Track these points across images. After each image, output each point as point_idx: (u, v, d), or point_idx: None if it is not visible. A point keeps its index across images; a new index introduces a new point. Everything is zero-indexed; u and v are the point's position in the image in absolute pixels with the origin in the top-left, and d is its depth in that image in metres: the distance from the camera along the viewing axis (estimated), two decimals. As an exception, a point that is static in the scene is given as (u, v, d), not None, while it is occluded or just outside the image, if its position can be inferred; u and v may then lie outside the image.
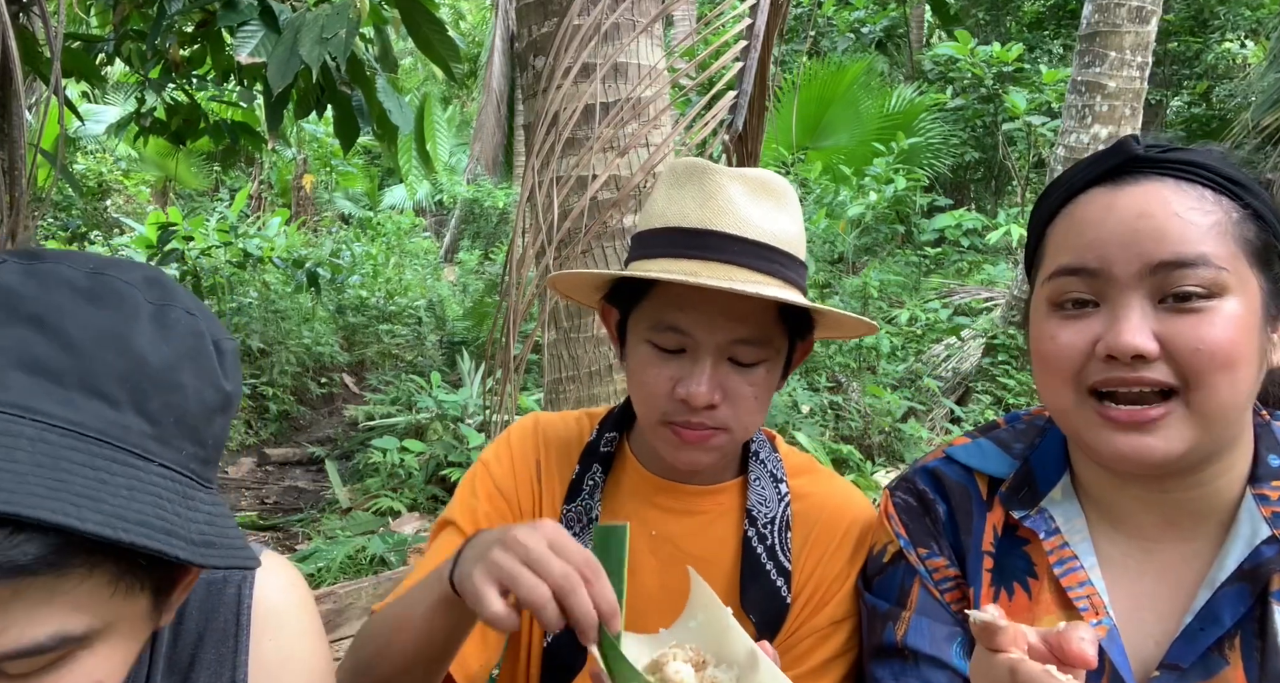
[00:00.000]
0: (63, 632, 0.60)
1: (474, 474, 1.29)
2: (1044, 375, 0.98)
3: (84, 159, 12.40)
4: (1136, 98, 6.07)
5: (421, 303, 9.84)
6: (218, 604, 0.86)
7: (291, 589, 0.91)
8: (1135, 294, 0.90)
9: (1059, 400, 0.96)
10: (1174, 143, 0.96)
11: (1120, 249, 0.90)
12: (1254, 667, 0.93)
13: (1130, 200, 0.92)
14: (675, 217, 1.13)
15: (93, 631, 0.62)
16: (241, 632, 0.86)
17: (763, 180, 1.15)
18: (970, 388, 6.63)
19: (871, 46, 13.41)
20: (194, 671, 0.84)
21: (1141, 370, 0.89)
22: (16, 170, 3.03)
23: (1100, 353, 0.91)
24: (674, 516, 1.24)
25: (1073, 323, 0.94)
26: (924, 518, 1.11)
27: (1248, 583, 0.94)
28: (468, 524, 1.24)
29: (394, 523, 5.00)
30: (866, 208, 8.45)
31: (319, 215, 16.15)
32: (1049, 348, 0.95)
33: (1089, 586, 1.00)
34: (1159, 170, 0.93)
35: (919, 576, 1.09)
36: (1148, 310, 0.89)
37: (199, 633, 0.85)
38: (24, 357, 0.59)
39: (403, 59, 14.44)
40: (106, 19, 4.93)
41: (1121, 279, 0.90)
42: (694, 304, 1.09)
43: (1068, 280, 0.94)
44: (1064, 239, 0.97)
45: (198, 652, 0.85)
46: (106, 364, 0.62)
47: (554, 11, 2.66)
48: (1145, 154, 0.94)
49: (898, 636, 1.07)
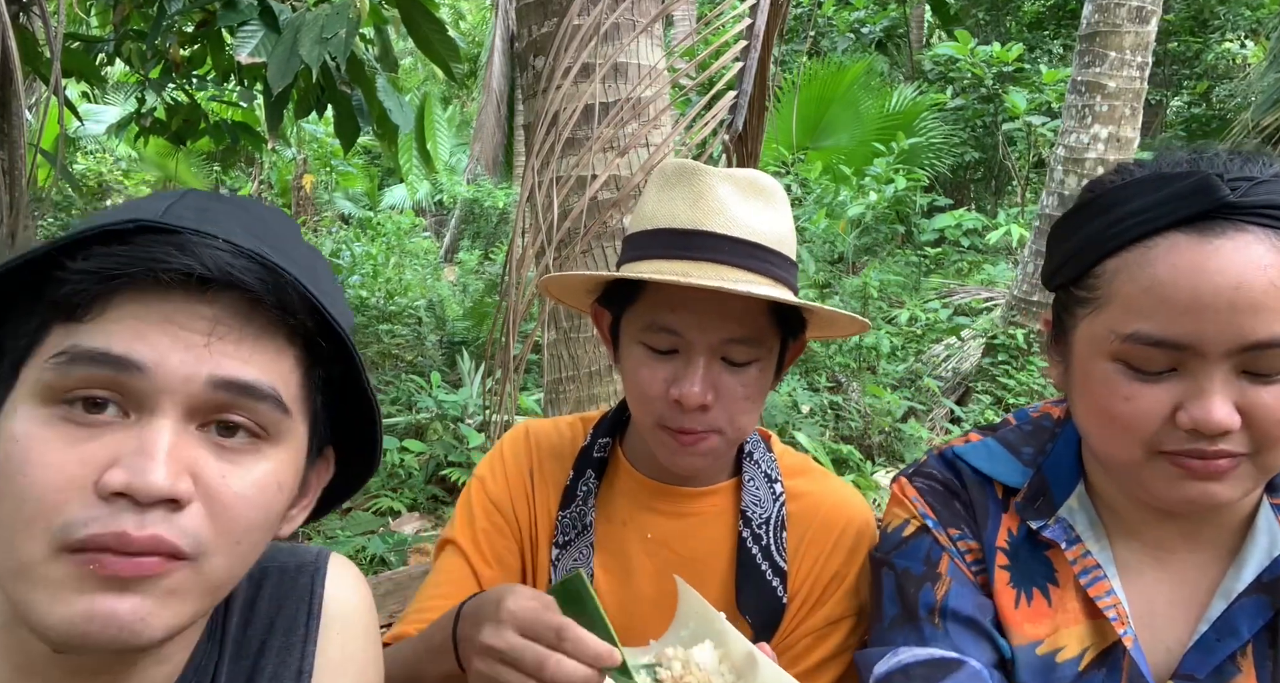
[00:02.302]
0: (277, 391, 0.72)
1: (470, 491, 1.30)
2: (1112, 431, 0.92)
3: (84, 159, 12.40)
4: (1136, 98, 6.06)
5: (421, 303, 9.83)
6: (290, 592, 0.88)
7: (359, 588, 0.93)
8: (1222, 367, 0.85)
9: (1127, 455, 0.92)
10: (1253, 173, 0.87)
11: (1214, 327, 0.84)
12: (1266, 677, 0.93)
13: (1222, 263, 0.84)
14: (666, 218, 1.13)
15: (286, 418, 0.73)
16: (312, 621, 0.87)
17: (752, 180, 1.15)
18: (970, 388, 6.63)
19: (871, 46, 13.40)
20: (263, 656, 0.85)
21: (1220, 444, 0.86)
22: (16, 170, 3.03)
23: (1184, 425, 0.87)
24: (668, 518, 1.24)
25: (1150, 386, 0.89)
26: (953, 502, 1.10)
27: (1266, 595, 0.94)
28: (467, 542, 1.25)
29: (394, 523, 5.00)
30: (866, 208, 8.44)
31: (319, 215, 16.15)
32: (1124, 409, 0.90)
33: (1114, 595, 0.99)
34: (1250, 218, 0.85)
35: (948, 552, 1.07)
36: (1231, 382, 0.86)
37: (270, 619, 0.87)
38: (245, 224, 0.74)
39: (403, 59, 14.43)
40: (106, 19, 4.93)
41: (1212, 356, 0.85)
42: (686, 304, 1.09)
43: (1151, 351, 0.88)
44: (1143, 296, 0.88)
45: (268, 638, 0.86)
46: (291, 243, 0.77)
47: (554, 11, 2.66)
48: (1235, 199, 0.85)
49: (937, 597, 1.05)
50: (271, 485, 0.73)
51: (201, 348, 0.69)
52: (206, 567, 0.69)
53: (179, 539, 0.66)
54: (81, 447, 0.66)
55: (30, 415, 0.67)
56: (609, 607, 1.22)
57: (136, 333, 0.68)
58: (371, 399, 0.81)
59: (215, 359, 0.69)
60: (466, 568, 1.24)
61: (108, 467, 0.65)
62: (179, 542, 0.66)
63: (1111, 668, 0.98)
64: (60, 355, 0.67)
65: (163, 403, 0.68)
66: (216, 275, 0.68)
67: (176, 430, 0.68)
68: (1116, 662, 0.98)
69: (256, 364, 0.71)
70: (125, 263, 0.67)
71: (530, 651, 0.87)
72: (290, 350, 0.74)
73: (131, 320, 0.68)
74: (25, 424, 0.67)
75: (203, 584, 0.70)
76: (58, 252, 0.68)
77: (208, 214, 0.72)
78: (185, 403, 0.69)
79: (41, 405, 0.67)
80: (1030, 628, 1.03)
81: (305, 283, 0.72)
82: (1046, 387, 6.02)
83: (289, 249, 0.75)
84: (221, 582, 0.72)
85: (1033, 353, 6.26)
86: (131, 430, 0.67)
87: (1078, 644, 1.00)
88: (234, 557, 0.71)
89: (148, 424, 0.67)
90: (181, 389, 0.68)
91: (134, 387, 0.67)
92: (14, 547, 0.65)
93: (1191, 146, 0.95)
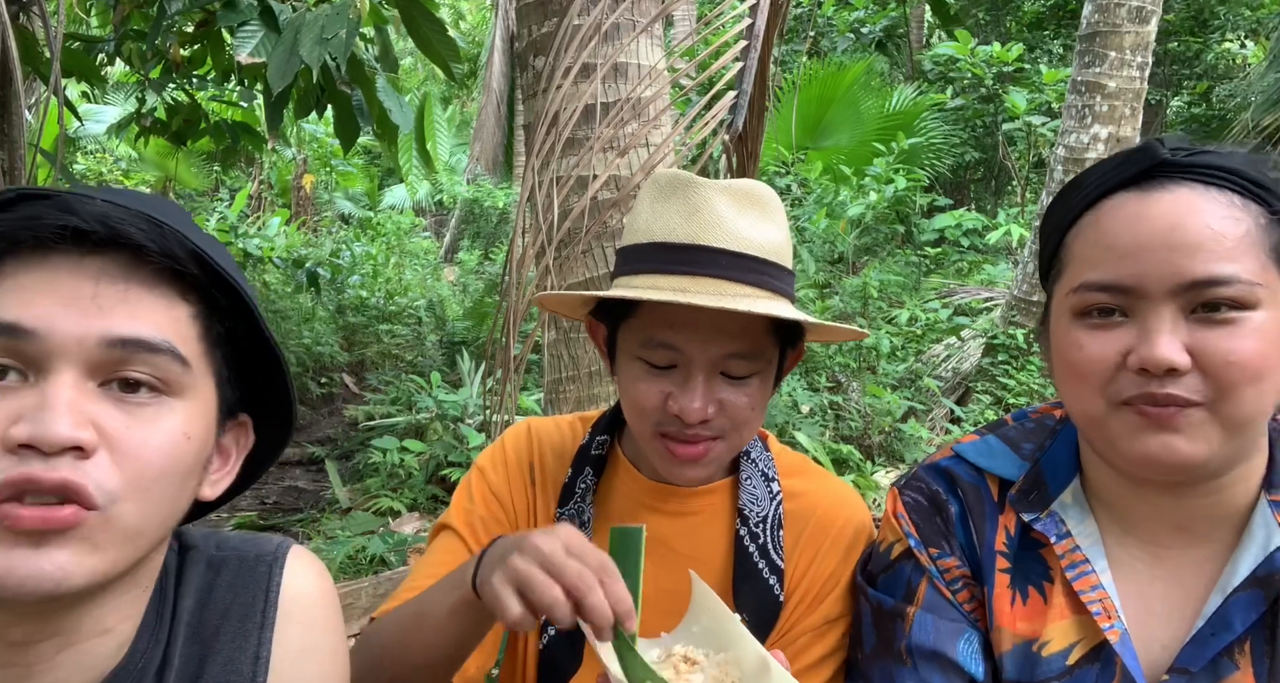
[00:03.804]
0: (172, 343, 0.74)
1: (470, 480, 1.30)
2: (1072, 383, 0.96)
3: (84, 159, 12.40)
4: (1136, 98, 6.07)
5: (421, 303, 9.83)
6: (248, 580, 0.89)
7: (320, 580, 0.94)
8: (1167, 308, 0.89)
9: (1089, 408, 0.95)
10: (1200, 146, 0.94)
11: (1153, 266, 0.88)
12: (1264, 672, 0.93)
13: (1160, 209, 0.90)
14: (661, 231, 1.12)
15: (187, 371, 0.75)
16: (270, 609, 0.88)
17: (747, 191, 1.14)
18: (970, 388, 6.63)
19: (871, 46, 13.40)
20: (217, 641, 0.86)
21: (1170, 387, 0.88)
22: (16, 170, 3.03)
23: (1133, 365, 0.90)
24: (666, 517, 1.24)
25: (1101, 333, 0.93)
26: (935, 517, 1.11)
27: (1261, 589, 0.94)
28: (464, 528, 1.25)
29: (394, 523, 5.00)
30: (866, 208, 8.44)
31: (319, 215, 16.15)
32: (1077, 357, 0.94)
33: (1101, 589, 1.00)
34: (1186, 175, 0.91)
35: (928, 574, 1.09)
36: (1179, 322, 0.89)
37: (225, 606, 0.87)
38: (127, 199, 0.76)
39: (403, 59, 14.44)
40: (106, 19, 4.93)
41: (1154, 295, 0.89)
42: (685, 321, 1.09)
43: (1097, 295, 0.92)
44: (1090, 249, 0.94)
45: (222, 624, 0.87)
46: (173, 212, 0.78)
47: (554, 11, 2.66)
48: (1173, 158, 0.92)
49: (905, 632, 1.07)
50: (179, 435, 0.75)
51: (89, 303, 0.71)
52: (118, 514, 0.71)
53: (87, 483, 0.69)
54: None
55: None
56: None
57: (23, 300, 0.70)
58: (275, 350, 0.83)
59: (105, 318, 0.71)
60: (464, 551, 1.23)
61: (12, 425, 0.67)
62: (86, 485, 0.69)
63: (1105, 663, 0.98)
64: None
65: (58, 364, 0.70)
66: (96, 228, 0.71)
67: (76, 385, 0.70)
68: (1110, 657, 0.98)
69: (147, 319, 0.73)
70: (6, 228, 0.70)
71: (574, 566, 0.85)
72: (184, 305, 0.76)
73: (18, 286, 0.71)
74: None
75: (118, 531, 0.71)
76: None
77: (89, 192, 0.75)
78: (82, 362, 0.71)
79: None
80: (1024, 626, 1.03)
81: (187, 233, 0.74)
82: (1046, 386, 6.02)
83: (170, 214, 0.77)
84: (137, 529, 0.73)
85: (1033, 353, 6.26)
86: (32, 390, 0.70)
87: (1063, 638, 1.01)
88: (145, 503, 0.73)
89: (46, 383, 0.70)
90: (76, 350, 0.70)
91: (29, 351, 0.70)
92: None
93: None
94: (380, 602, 3.27)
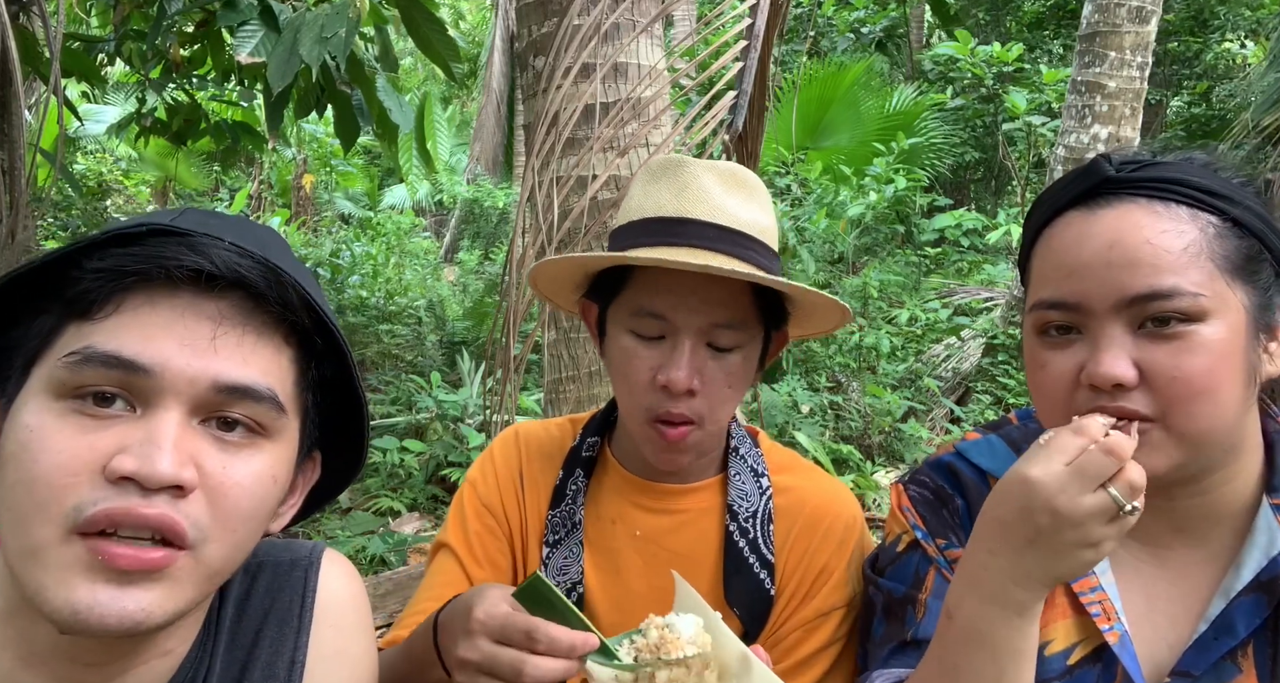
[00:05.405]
0: (275, 392, 0.76)
1: (462, 494, 1.33)
2: (1039, 399, 0.99)
3: (84, 159, 12.39)
4: (1136, 98, 6.06)
5: (421, 303, 9.82)
6: (284, 586, 0.90)
7: (352, 583, 0.95)
8: (1114, 324, 0.90)
9: (1058, 423, 0.95)
10: (1152, 158, 0.95)
11: (1095, 284, 0.91)
12: (1267, 676, 0.93)
13: (1102, 227, 0.92)
14: (652, 208, 1.17)
15: (281, 416, 0.77)
16: (306, 614, 0.90)
17: (734, 172, 1.19)
18: (970, 388, 6.63)
19: (871, 46, 13.39)
20: (257, 647, 0.88)
21: (1120, 401, 0.89)
22: (16, 170, 3.04)
23: (1084, 382, 0.91)
24: (656, 515, 1.26)
25: (1059, 351, 0.95)
26: (942, 510, 1.12)
27: (1264, 594, 0.94)
28: (461, 545, 1.28)
29: (394, 523, 4.99)
30: (866, 208, 8.43)
31: (319, 215, 16.14)
32: (1040, 376, 0.97)
33: (1100, 591, 1.00)
34: (1132, 190, 0.92)
35: (935, 563, 1.09)
36: (1126, 339, 0.90)
37: (264, 612, 0.89)
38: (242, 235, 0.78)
39: (403, 59, 14.44)
40: (106, 19, 4.93)
41: (1099, 312, 0.91)
42: (672, 289, 1.12)
43: (1048, 313, 0.95)
44: (1042, 268, 0.98)
45: (261, 629, 0.88)
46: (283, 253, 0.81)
47: (554, 11, 2.66)
48: (1118, 174, 0.93)
49: (916, 620, 1.08)
50: (267, 478, 0.76)
51: (206, 346, 0.72)
52: (205, 554, 0.72)
53: (184, 522, 0.70)
54: (91, 436, 0.69)
55: (42, 407, 0.71)
56: (600, 604, 1.23)
57: (145, 335, 0.71)
58: (361, 396, 0.85)
59: (219, 362, 0.73)
60: (459, 570, 1.26)
61: (116, 454, 0.69)
62: (183, 523, 0.70)
63: (1107, 665, 0.98)
64: (73, 355, 0.70)
65: (168, 401, 0.71)
66: (224, 273, 0.73)
67: (181, 424, 0.72)
68: (1111, 659, 0.98)
69: (256, 365, 0.75)
70: (139, 261, 0.72)
71: (505, 656, 0.88)
72: (288, 349, 0.78)
73: (142, 320, 0.72)
74: (38, 416, 0.70)
75: (201, 572, 0.73)
76: (75, 253, 0.72)
77: (209, 225, 0.77)
78: (189, 400, 0.72)
79: (54, 399, 0.71)
80: None
81: (303, 284, 0.77)
82: (1046, 387, 6.01)
83: (282, 258, 0.79)
84: (218, 569, 0.75)
85: (1033, 353, 6.25)
86: (139, 422, 0.71)
87: (1065, 638, 1.01)
88: (230, 545, 0.74)
89: (154, 417, 0.71)
90: (187, 390, 0.72)
91: (141, 385, 0.71)
92: (28, 530, 0.68)
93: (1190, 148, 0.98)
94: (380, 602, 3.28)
